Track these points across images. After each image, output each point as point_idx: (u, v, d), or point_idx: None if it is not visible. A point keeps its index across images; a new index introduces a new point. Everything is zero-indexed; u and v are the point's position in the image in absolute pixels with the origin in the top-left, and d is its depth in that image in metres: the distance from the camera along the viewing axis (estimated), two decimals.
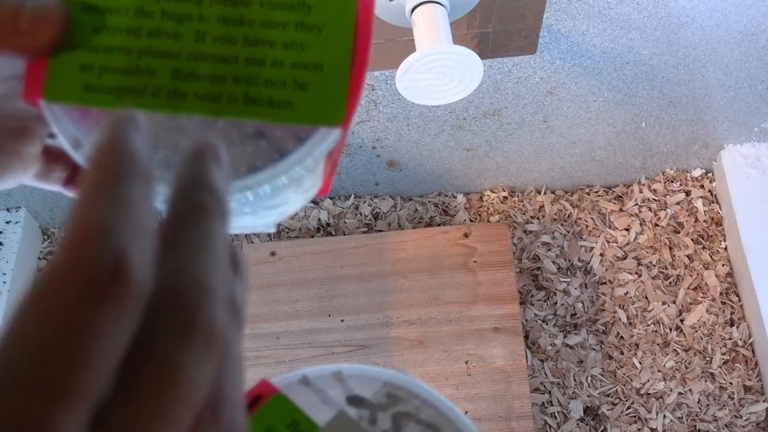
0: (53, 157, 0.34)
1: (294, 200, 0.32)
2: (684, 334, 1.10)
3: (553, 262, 1.17)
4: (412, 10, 0.69)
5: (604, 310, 1.13)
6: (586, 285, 1.15)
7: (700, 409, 1.06)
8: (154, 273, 0.17)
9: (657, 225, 1.18)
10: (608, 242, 1.18)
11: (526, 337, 1.12)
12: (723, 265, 1.14)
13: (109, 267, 0.16)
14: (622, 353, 1.10)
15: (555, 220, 1.21)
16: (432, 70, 0.67)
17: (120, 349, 0.16)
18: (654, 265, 1.15)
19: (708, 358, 1.08)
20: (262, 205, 0.29)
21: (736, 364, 1.08)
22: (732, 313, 1.11)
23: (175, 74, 0.25)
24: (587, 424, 1.06)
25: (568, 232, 1.19)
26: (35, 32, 0.25)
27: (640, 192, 1.21)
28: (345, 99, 0.26)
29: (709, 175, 1.20)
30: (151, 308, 0.17)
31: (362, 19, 0.26)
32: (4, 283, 1.19)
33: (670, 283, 1.14)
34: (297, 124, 0.25)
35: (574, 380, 1.09)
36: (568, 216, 1.21)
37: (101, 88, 0.25)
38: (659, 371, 1.08)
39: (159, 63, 0.25)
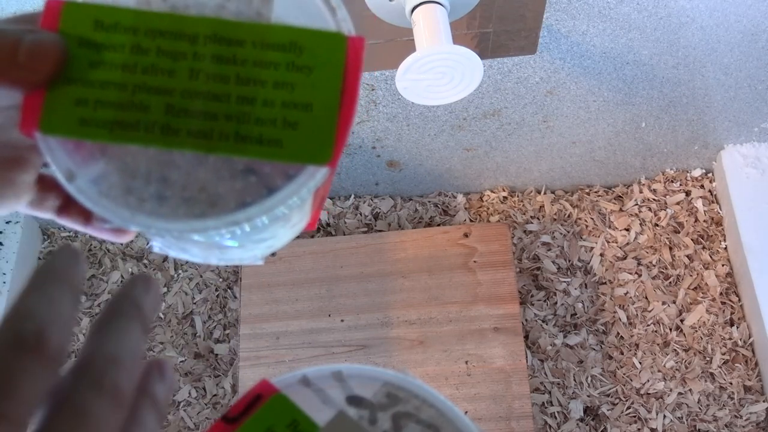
0: (47, 186, 0.34)
1: (282, 235, 0.32)
2: (684, 334, 1.10)
3: (553, 262, 1.17)
4: (412, 10, 0.69)
5: (604, 310, 1.13)
6: (586, 285, 1.15)
7: (700, 409, 1.06)
8: (67, 345, 0.23)
9: (657, 225, 1.18)
10: (608, 242, 1.18)
11: (526, 337, 1.12)
12: (723, 265, 1.14)
13: (33, 333, 0.22)
14: (622, 353, 1.10)
15: (555, 220, 1.21)
16: (432, 70, 0.67)
17: (40, 389, 0.22)
18: (654, 265, 1.15)
19: (708, 358, 1.08)
20: (251, 239, 0.30)
21: (736, 364, 1.08)
22: (732, 313, 1.11)
23: (168, 110, 0.26)
24: (587, 424, 1.06)
25: (568, 232, 1.20)
26: (33, 66, 0.26)
27: (640, 192, 1.21)
28: (333, 138, 0.26)
29: (709, 175, 1.20)
30: (75, 371, 0.24)
31: (351, 61, 0.27)
32: (4, 283, 1.19)
33: (670, 283, 1.14)
34: (286, 162, 0.26)
35: (574, 380, 1.09)
36: (568, 216, 1.21)
37: (96, 121, 0.26)
38: (659, 371, 1.08)
39: (153, 99, 0.26)
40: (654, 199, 1.20)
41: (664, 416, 1.06)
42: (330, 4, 0.28)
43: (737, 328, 1.09)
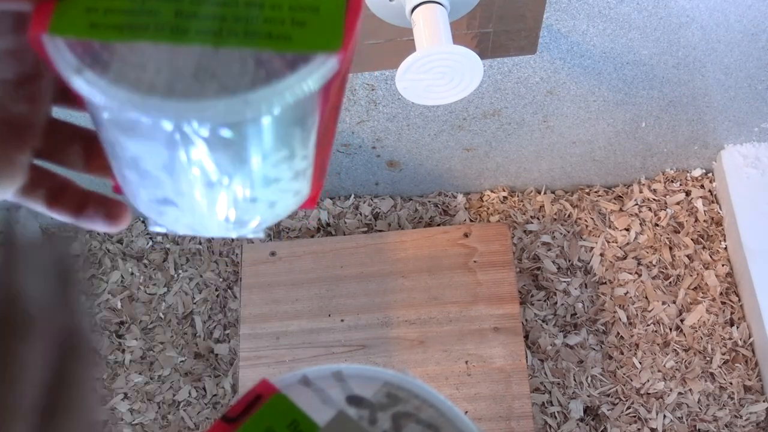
0: (39, 173, 0.34)
1: (285, 191, 0.32)
2: (684, 334, 1.10)
3: (553, 262, 1.17)
4: (412, 10, 0.69)
5: (604, 310, 1.13)
6: (586, 285, 1.15)
7: (700, 409, 1.06)
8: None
9: (657, 225, 1.18)
10: (608, 242, 1.18)
11: (526, 337, 1.12)
12: (723, 265, 1.14)
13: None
14: (622, 353, 1.10)
15: (555, 220, 1.21)
16: (432, 70, 0.67)
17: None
18: (654, 265, 1.15)
19: (708, 358, 1.08)
20: (262, 166, 0.30)
21: (736, 364, 1.08)
22: (732, 313, 1.11)
23: (177, 14, 0.27)
24: (587, 424, 1.06)
25: (568, 232, 1.20)
26: None
27: (640, 192, 1.21)
28: (342, 30, 0.27)
29: (709, 175, 1.20)
30: None
31: None
32: None
33: (670, 283, 1.14)
34: (295, 51, 0.27)
35: (574, 380, 1.09)
36: (568, 216, 1.21)
37: (106, 25, 0.27)
38: (659, 371, 1.08)
39: (162, 5, 0.27)
40: (654, 199, 1.20)
41: (664, 416, 1.06)
42: None
43: (737, 328, 1.09)
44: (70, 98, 0.34)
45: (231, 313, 1.19)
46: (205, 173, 0.29)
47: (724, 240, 1.15)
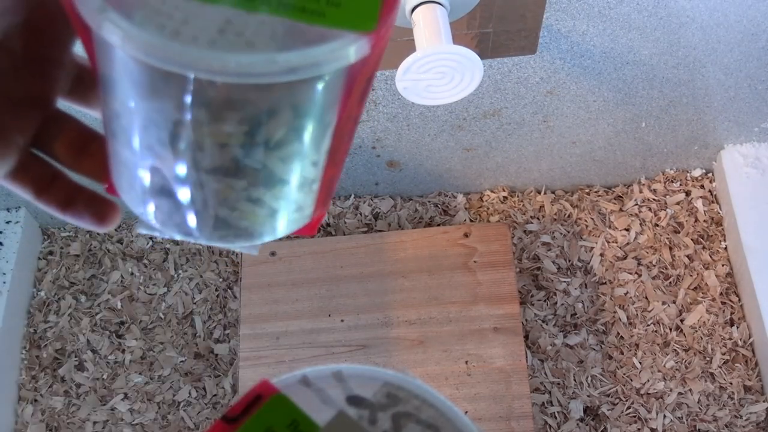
0: (32, 159, 0.33)
1: (289, 200, 0.31)
2: (684, 334, 1.10)
3: (553, 262, 1.17)
4: (412, 10, 0.69)
5: (604, 310, 1.13)
6: (586, 285, 1.15)
7: (700, 409, 1.06)
8: None
9: (657, 225, 1.18)
10: (608, 242, 1.18)
11: (526, 337, 1.12)
12: (723, 265, 1.14)
13: None
14: (622, 353, 1.10)
15: (555, 220, 1.21)
16: (432, 70, 0.67)
17: None
18: (654, 265, 1.15)
19: (708, 358, 1.09)
20: (271, 157, 0.29)
21: (736, 364, 1.08)
22: (732, 313, 1.11)
23: None
24: (587, 424, 1.06)
25: (568, 232, 1.20)
26: None
27: (640, 192, 1.21)
28: (377, 15, 0.26)
29: (709, 175, 1.20)
30: None
31: None
32: (4, 283, 1.19)
33: (670, 283, 1.14)
34: (327, 26, 0.26)
35: (574, 380, 1.09)
36: (568, 216, 1.21)
37: None
38: (659, 371, 1.08)
39: None
40: (654, 199, 1.20)
41: (664, 416, 1.06)
42: None
43: (737, 328, 1.10)
44: (81, 92, 0.34)
45: (231, 313, 1.19)
46: (210, 151, 0.28)
47: (724, 240, 1.15)
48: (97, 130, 0.34)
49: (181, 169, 0.29)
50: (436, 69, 0.67)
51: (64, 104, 0.34)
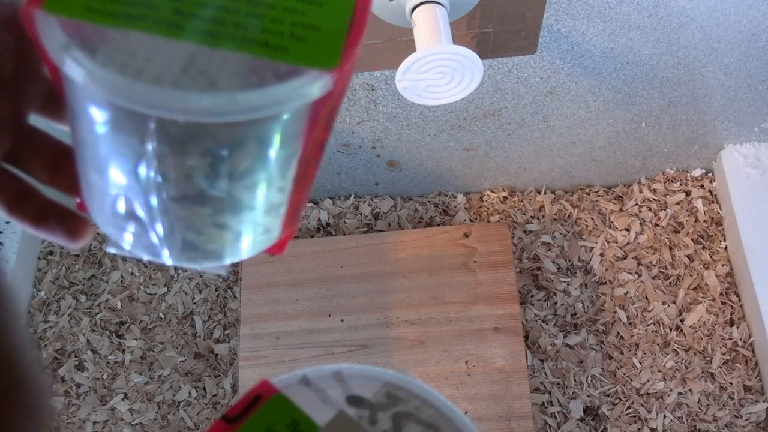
0: (4, 175, 0.33)
1: (256, 224, 0.31)
2: (684, 334, 1.10)
3: (553, 262, 1.17)
4: (412, 10, 0.69)
5: (604, 310, 1.13)
6: (586, 285, 1.15)
7: (700, 409, 1.06)
8: None
9: (657, 225, 1.18)
10: (608, 242, 1.18)
11: (526, 337, 1.12)
12: (723, 265, 1.14)
13: None
14: (622, 353, 1.10)
15: (555, 220, 1.21)
16: (432, 70, 0.67)
17: None
18: (654, 265, 1.15)
19: (708, 358, 1.09)
20: (236, 186, 0.29)
21: (736, 364, 1.08)
22: (732, 313, 1.11)
23: (176, 12, 0.26)
24: (587, 424, 1.06)
25: (568, 232, 1.20)
26: None
27: (640, 192, 1.21)
28: (340, 51, 0.26)
29: (709, 175, 1.20)
30: None
31: (361, 1, 0.28)
32: None
33: (670, 283, 1.14)
34: (288, 63, 0.26)
35: (574, 380, 1.09)
36: (568, 216, 1.21)
37: (102, 10, 0.26)
38: (659, 371, 1.08)
39: (162, 2, 0.26)
40: (654, 199, 1.20)
41: (664, 416, 1.06)
42: None
43: (737, 328, 1.09)
44: (52, 108, 0.34)
45: (231, 313, 1.19)
46: (175, 181, 0.28)
47: (724, 240, 1.15)
48: (69, 144, 0.34)
49: (147, 197, 0.29)
50: (436, 69, 0.67)
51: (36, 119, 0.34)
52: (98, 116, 0.27)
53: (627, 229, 1.19)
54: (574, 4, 0.81)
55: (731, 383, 1.06)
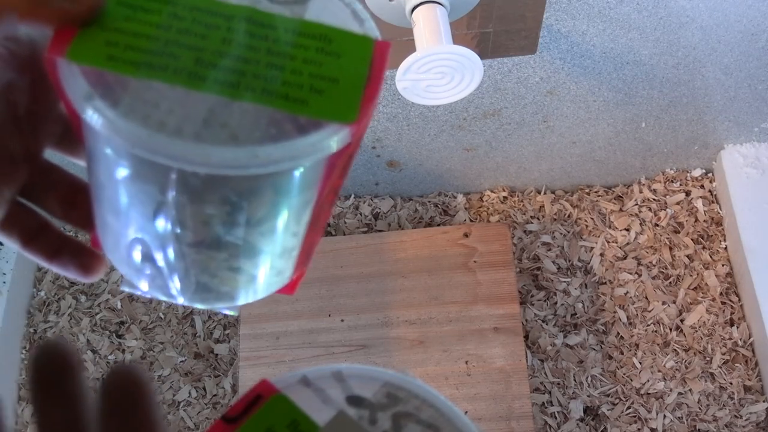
0: (20, 210, 0.33)
1: (269, 267, 0.31)
2: (684, 334, 1.10)
3: (553, 262, 1.17)
4: (412, 10, 0.69)
5: (604, 310, 1.13)
6: (586, 285, 1.15)
7: (700, 409, 1.06)
8: None
9: (657, 225, 1.18)
10: (608, 242, 1.18)
11: (526, 337, 1.12)
12: (723, 265, 1.14)
13: None
14: (622, 353, 1.10)
15: (555, 220, 1.21)
16: (432, 70, 0.67)
17: None
18: (654, 265, 1.15)
19: (708, 358, 1.09)
20: (252, 233, 0.29)
21: (736, 364, 1.08)
22: (732, 313, 1.11)
23: (197, 62, 0.26)
24: (587, 424, 1.06)
25: (568, 232, 1.20)
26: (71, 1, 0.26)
27: (640, 192, 1.21)
28: (358, 104, 0.27)
29: (709, 175, 1.20)
30: None
31: (378, 55, 0.28)
32: (4, 283, 1.19)
33: (670, 283, 1.14)
34: (308, 116, 0.26)
35: (574, 380, 1.09)
36: (568, 216, 1.21)
37: (124, 59, 0.26)
38: (659, 371, 1.08)
39: (184, 52, 0.26)
40: (654, 199, 1.20)
41: (664, 416, 1.06)
42: (359, 16, 0.29)
43: (737, 328, 1.10)
44: (68, 143, 0.34)
45: None
46: (192, 228, 0.29)
47: (724, 240, 1.15)
48: (84, 180, 0.34)
49: (163, 242, 0.29)
50: (436, 69, 0.67)
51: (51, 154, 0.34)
52: (118, 165, 0.27)
53: (627, 229, 1.19)
54: (574, 4, 0.81)
55: (731, 383, 1.06)
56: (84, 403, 0.24)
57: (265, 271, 0.32)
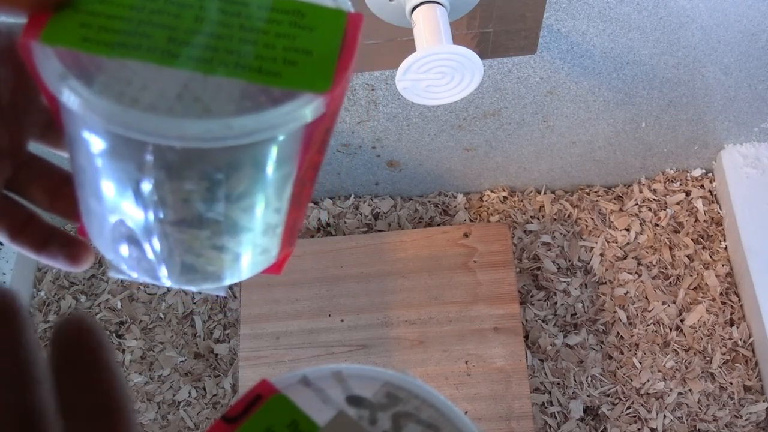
0: (5, 203, 0.33)
1: (254, 245, 0.31)
2: (684, 334, 1.10)
3: (553, 262, 1.17)
4: (412, 10, 0.69)
5: (604, 310, 1.13)
6: (586, 285, 1.15)
7: (700, 409, 1.06)
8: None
9: (657, 225, 1.18)
10: (608, 242, 1.18)
11: (526, 337, 1.12)
12: (723, 265, 1.14)
13: None
14: (622, 353, 1.10)
15: (555, 220, 1.21)
16: (432, 70, 0.67)
17: None
18: (654, 265, 1.15)
19: (708, 358, 1.09)
20: (233, 209, 0.29)
21: (736, 364, 1.08)
22: (732, 313, 1.11)
23: (170, 40, 0.27)
24: (587, 424, 1.06)
25: (568, 232, 1.20)
26: None
27: (640, 192, 1.21)
28: (332, 74, 0.27)
29: (709, 175, 1.20)
30: None
31: (351, 28, 0.28)
32: (4, 283, 1.19)
33: (670, 283, 1.14)
34: (281, 87, 0.27)
35: (574, 380, 1.09)
36: (568, 216, 1.21)
37: (98, 41, 0.27)
38: (659, 371, 1.08)
39: (156, 31, 0.27)
40: (654, 199, 1.20)
41: (664, 416, 1.06)
42: None
43: (737, 328, 1.10)
44: (52, 135, 0.34)
45: (231, 313, 1.19)
46: (173, 206, 0.29)
47: (724, 240, 1.15)
48: (68, 171, 0.34)
49: (146, 222, 0.29)
50: (436, 69, 0.67)
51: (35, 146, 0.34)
52: (96, 144, 0.27)
53: (627, 229, 1.19)
54: (574, 4, 0.81)
55: (731, 383, 1.06)
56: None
57: (250, 249, 0.32)
